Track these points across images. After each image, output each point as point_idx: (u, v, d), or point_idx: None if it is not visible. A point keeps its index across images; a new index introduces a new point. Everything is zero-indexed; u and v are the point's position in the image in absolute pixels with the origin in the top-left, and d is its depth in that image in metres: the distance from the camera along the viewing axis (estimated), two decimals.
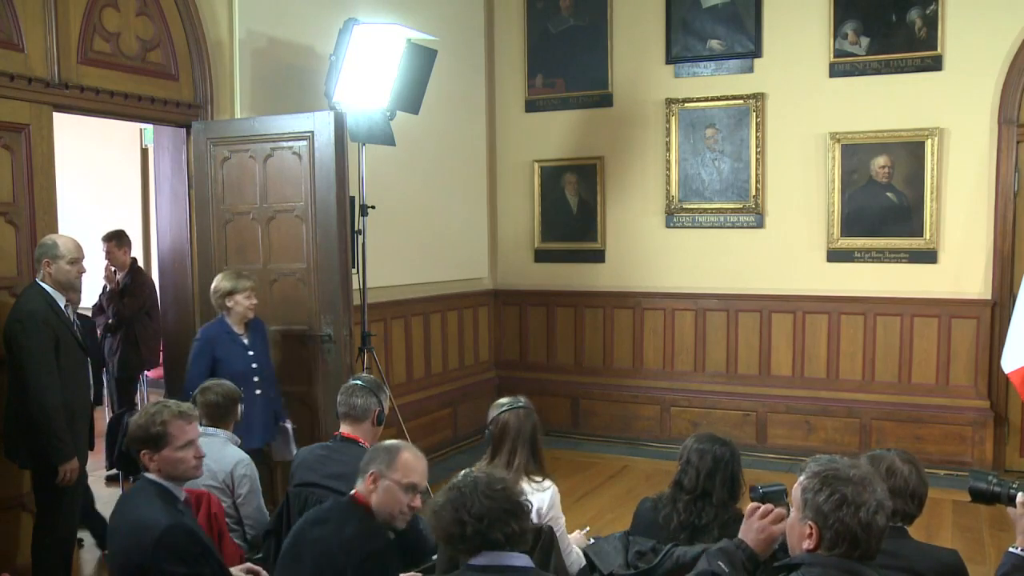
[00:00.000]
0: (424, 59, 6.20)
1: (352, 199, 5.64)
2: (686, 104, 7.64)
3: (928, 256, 7.02)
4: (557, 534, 3.30)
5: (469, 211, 8.10)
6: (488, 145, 8.34)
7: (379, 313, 6.66)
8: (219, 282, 4.91)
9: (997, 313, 6.87)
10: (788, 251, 7.35)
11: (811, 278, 7.26)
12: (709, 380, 7.67)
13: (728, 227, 7.58)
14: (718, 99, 7.57)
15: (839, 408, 7.10)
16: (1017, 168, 6.87)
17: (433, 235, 7.43)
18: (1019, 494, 2.75)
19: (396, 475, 2.96)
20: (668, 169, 7.72)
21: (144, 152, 8.32)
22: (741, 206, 7.52)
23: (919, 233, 7.04)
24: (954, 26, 6.92)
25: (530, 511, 2.53)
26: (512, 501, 2.40)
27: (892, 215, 7.10)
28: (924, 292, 6.93)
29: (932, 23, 6.97)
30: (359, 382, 3.80)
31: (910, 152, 7.04)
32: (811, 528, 2.20)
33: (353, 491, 2.99)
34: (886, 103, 7.10)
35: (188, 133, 5.53)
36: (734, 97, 7.53)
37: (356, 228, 5.86)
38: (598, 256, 8.05)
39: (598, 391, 7.99)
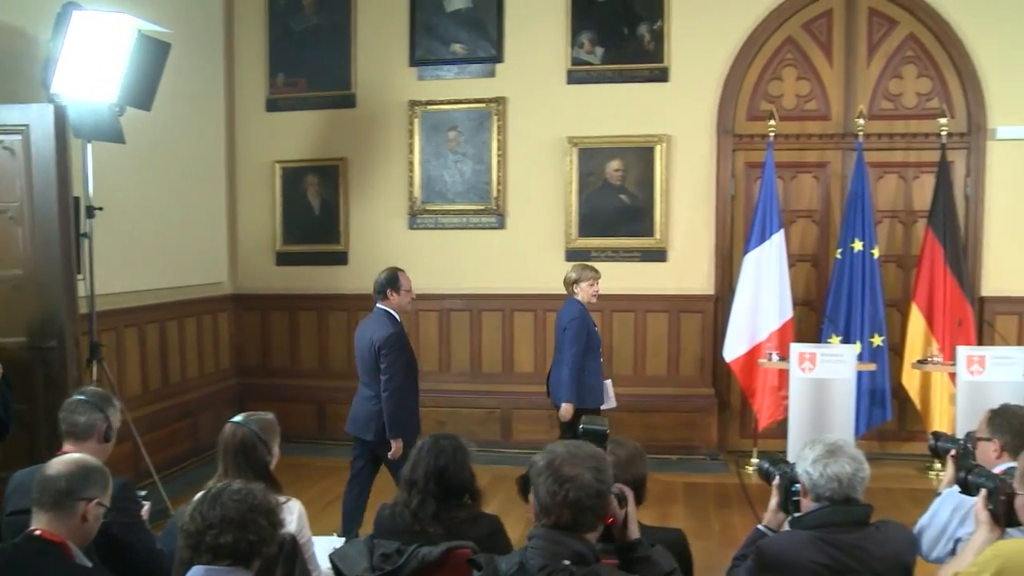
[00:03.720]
0: (156, 52, 5.93)
1: (76, 200, 5.44)
2: (429, 106, 7.97)
3: (658, 255, 7.73)
4: (307, 555, 3.28)
5: (207, 213, 8.03)
6: (227, 144, 8.34)
7: (110, 321, 6.38)
8: (570, 271, 6.31)
9: (719, 307, 7.56)
10: (528, 251, 7.74)
11: (551, 277, 7.59)
12: (454, 379, 8.04)
13: (470, 228, 7.99)
14: (460, 102, 7.96)
15: None
16: (734, 174, 7.69)
17: (168, 238, 7.32)
18: (775, 478, 3.17)
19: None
20: (411, 171, 8.04)
21: None
22: (483, 207, 7.90)
23: (650, 233, 7.66)
24: (678, 42, 7.73)
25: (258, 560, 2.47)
26: (240, 552, 2.36)
27: (625, 216, 7.70)
28: (655, 289, 7.45)
29: (659, 37, 7.69)
30: (82, 397, 3.56)
31: (641, 157, 7.67)
32: (531, 500, 2.43)
33: (38, 530, 2.73)
34: (619, 110, 7.78)
35: None
36: (476, 100, 7.94)
37: (81, 231, 5.61)
38: (341, 258, 8.21)
39: (343, 395, 7.83)
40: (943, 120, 7.27)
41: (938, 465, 7.11)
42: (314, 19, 8.12)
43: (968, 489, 2.98)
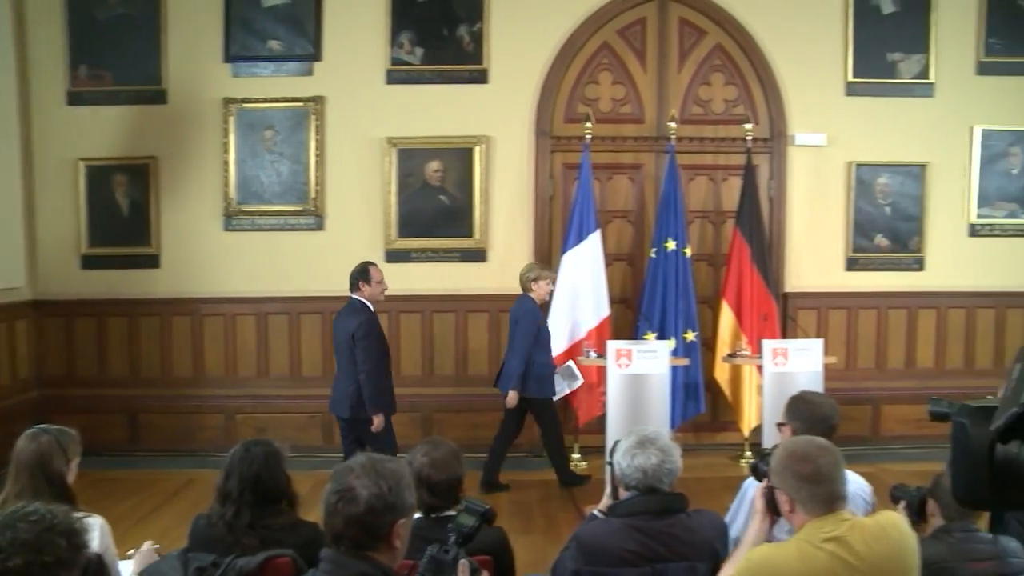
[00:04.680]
0: None
1: None
2: (244, 104, 7.84)
3: (478, 255, 7.86)
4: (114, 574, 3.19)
5: (0, 214, 7.32)
6: (22, 139, 7.84)
7: None
8: (527, 270, 6.97)
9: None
10: (348, 252, 7.67)
11: None
12: (273, 384, 7.94)
13: (288, 229, 7.89)
14: (277, 101, 7.85)
15: (402, 403, 7.43)
16: (552, 175, 7.86)
17: None
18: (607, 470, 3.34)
19: None
20: (226, 170, 7.87)
21: None
22: (301, 208, 7.85)
23: (469, 234, 7.79)
24: (497, 44, 7.89)
25: None
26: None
27: (445, 217, 7.81)
28: (475, 289, 7.56)
29: (478, 39, 7.81)
30: None
31: (460, 158, 7.78)
32: None
33: None
34: (439, 111, 7.87)
35: None
36: (294, 99, 7.86)
37: None
38: (153, 261, 7.92)
39: (157, 404, 7.81)
40: (748, 126, 7.73)
41: (748, 453, 7.52)
42: (120, 8, 7.77)
43: (758, 476, 3.11)
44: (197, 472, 7.19)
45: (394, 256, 7.73)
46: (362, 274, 6.31)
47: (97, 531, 3.18)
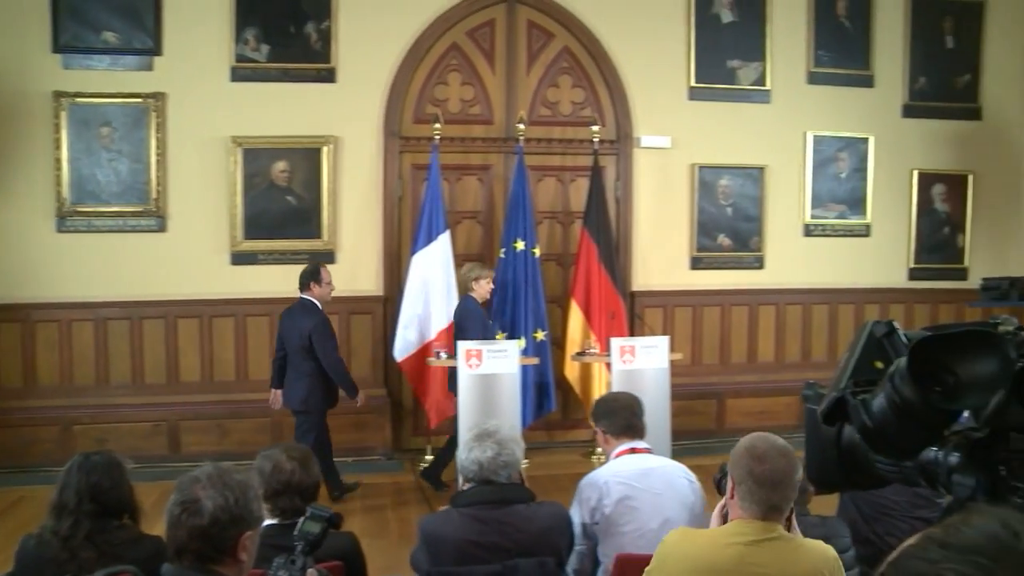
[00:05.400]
0: None
1: None
2: (78, 99, 7.54)
3: (327, 257, 7.84)
4: None
5: None
6: None
7: None
8: (468, 271, 7.14)
9: (388, 308, 7.81)
10: (192, 255, 7.61)
11: (216, 281, 7.56)
12: (113, 393, 7.66)
13: (128, 231, 7.66)
14: (114, 96, 7.59)
15: (250, 409, 7.43)
16: (401, 176, 7.95)
17: None
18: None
19: None
20: (58, 169, 7.52)
21: None
22: (142, 209, 7.65)
23: (317, 235, 7.82)
24: (346, 43, 7.87)
25: None
26: None
27: (293, 218, 7.80)
28: None
29: (326, 37, 7.81)
30: None
31: (307, 158, 7.78)
32: None
33: None
34: (286, 110, 7.79)
35: None
36: (132, 95, 7.62)
37: None
38: None
39: None
40: (595, 128, 7.98)
41: (600, 449, 7.75)
42: None
43: (721, 493, 2.93)
44: (28, 489, 6.79)
45: (240, 258, 7.62)
46: (313, 275, 6.66)
47: None
